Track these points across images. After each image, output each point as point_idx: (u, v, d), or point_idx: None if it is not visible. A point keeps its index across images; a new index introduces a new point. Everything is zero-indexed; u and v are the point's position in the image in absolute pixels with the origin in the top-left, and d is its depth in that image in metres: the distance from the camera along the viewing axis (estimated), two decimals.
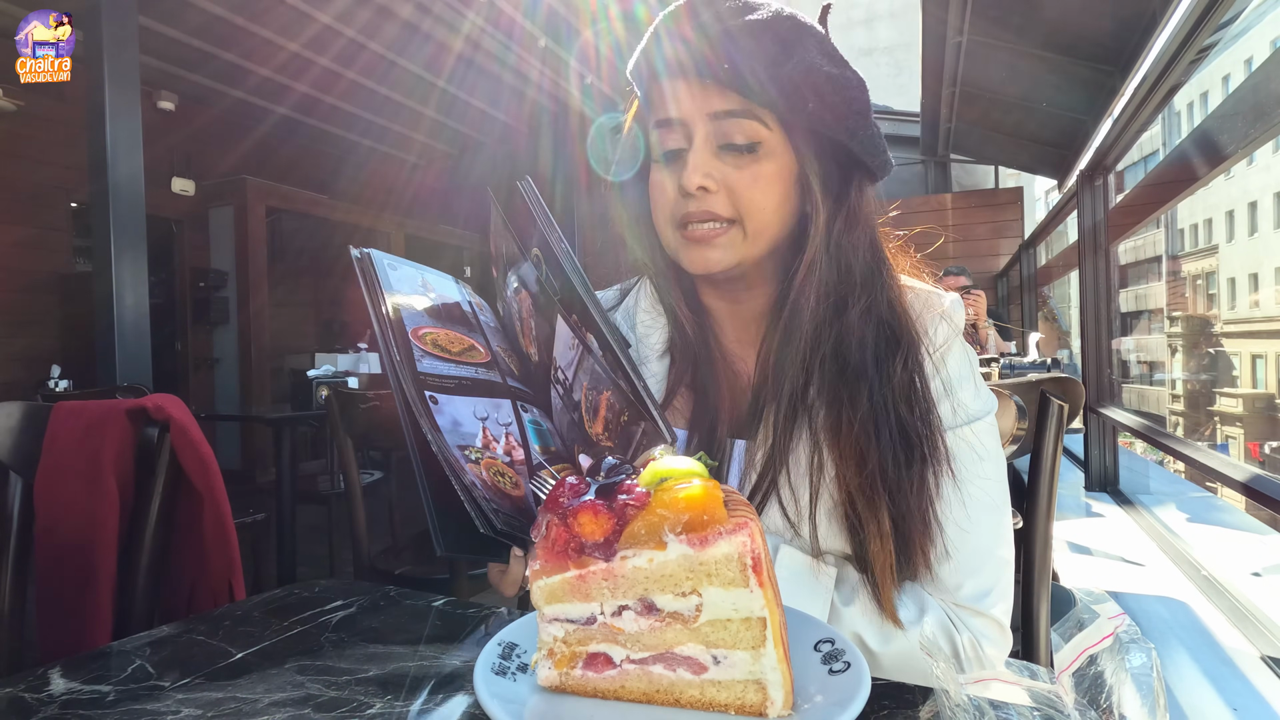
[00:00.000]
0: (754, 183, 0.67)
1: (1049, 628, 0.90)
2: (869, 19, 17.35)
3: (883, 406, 0.66)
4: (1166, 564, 2.60)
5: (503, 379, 0.71)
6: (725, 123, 0.67)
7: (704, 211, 0.68)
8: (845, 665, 0.46)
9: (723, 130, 0.67)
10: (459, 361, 0.68)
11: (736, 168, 0.68)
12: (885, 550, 0.64)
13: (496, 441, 0.66)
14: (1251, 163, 28.83)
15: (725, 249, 0.69)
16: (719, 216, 0.68)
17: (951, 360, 0.71)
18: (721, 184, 0.67)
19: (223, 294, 5.57)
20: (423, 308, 0.71)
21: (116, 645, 0.59)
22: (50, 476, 0.98)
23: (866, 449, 0.65)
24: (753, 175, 0.67)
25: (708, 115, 0.67)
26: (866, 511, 0.64)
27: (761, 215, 0.68)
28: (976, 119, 5.05)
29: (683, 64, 0.68)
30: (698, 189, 0.67)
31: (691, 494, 0.43)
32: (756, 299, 0.76)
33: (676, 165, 0.70)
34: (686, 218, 0.69)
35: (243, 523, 2.21)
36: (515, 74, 4.94)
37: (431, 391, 0.63)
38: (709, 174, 0.67)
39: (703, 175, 0.67)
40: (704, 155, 0.67)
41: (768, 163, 0.68)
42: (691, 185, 0.67)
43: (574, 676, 0.46)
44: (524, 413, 0.70)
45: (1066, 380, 1.00)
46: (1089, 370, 3.85)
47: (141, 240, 2.79)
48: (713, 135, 0.68)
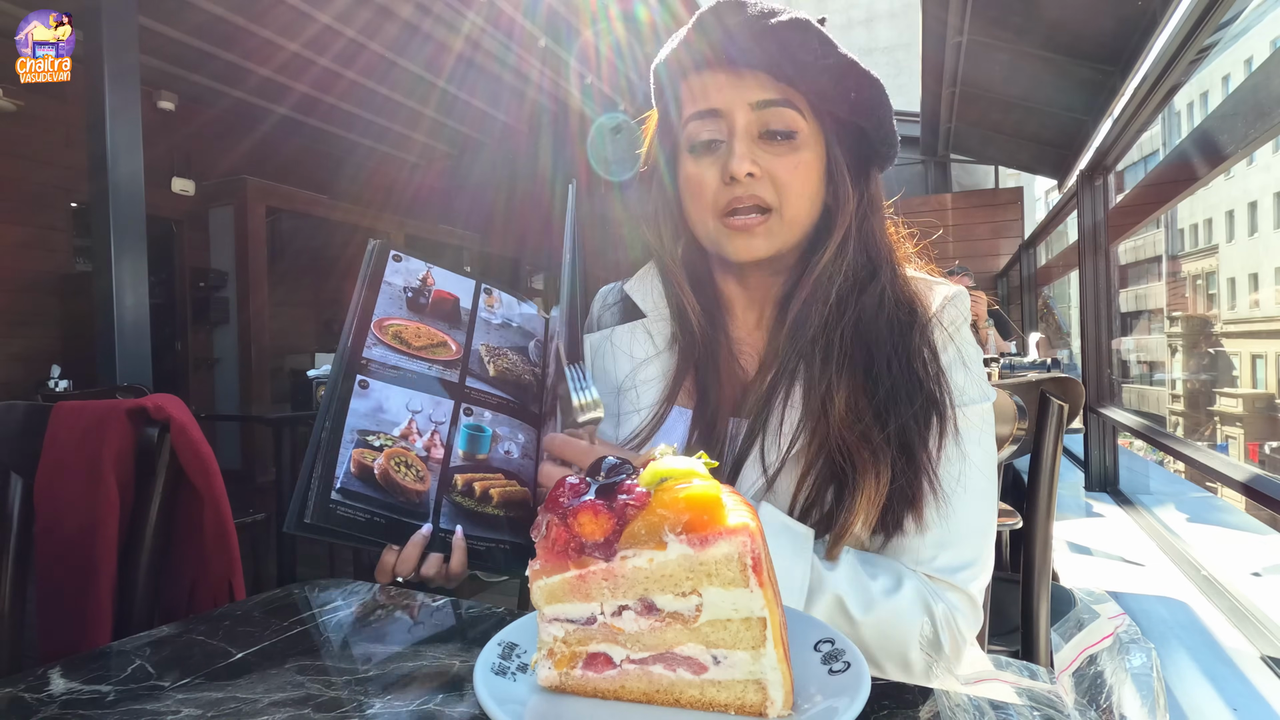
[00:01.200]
0: (794, 170, 0.71)
1: (1049, 628, 0.90)
2: (869, 19, 17.35)
3: (904, 370, 0.69)
4: (1166, 564, 2.60)
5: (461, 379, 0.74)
6: (766, 112, 0.70)
7: (750, 196, 0.71)
8: (845, 665, 0.46)
9: (763, 119, 0.70)
10: (414, 355, 0.72)
11: (777, 155, 0.71)
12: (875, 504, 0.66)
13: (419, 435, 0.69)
14: (1251, 163, 28.84)
15: (766, 237, 0.72)
16: (763, 202, 0.71)
17: (954, 344, 0.74)
18: (765, 171, 0.71)
19: (223, 294, 5.57)
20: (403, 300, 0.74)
21: (116, 645, 0.59)
22: (50, 476, 0.98)
23: (888, 410, 0.68)
24: (793, 163, 0.71)
25: (749, 104, 0.70)
26: (869, 463, 0.66)
27: (800, 202, 0.72)
28: (976, 119, 5.05)
29: (727, 54, 0.70)
30: (745, 175, 0.70)
31: (691, 494, 0.43)
32: (771, 286, 0.79)
33: (716, 155, 0.72)
34: (732, 204, 0.71)
35: (243, 523, 2.21)
36: (515, 74, 4.94)
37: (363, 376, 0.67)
38: (755, 160, 0.70)
39: (750, 162, 0.70)
40: (747, 143, 0.71)
41: (805, 151, 0.72)
42: (740, 171, 0.69)
43: (574, 676, 0.46)
44: (465, 415, 0.72)
45: (1066, 380, 1.00)
46: (1089, 370, 3.85)
47: (141, 240, 2.79)
48: (754, 123, 0.71)
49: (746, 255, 0.73)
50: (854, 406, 0.68)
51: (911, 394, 0.69)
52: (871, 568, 0.67)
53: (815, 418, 0.69)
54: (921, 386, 0.69)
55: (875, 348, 0.70)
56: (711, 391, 0.76)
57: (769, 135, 0.71)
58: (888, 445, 0.67)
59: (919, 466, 0.67)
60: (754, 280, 0.80)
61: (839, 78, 0.70)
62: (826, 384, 0.69)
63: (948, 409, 0.69)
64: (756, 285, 0.80)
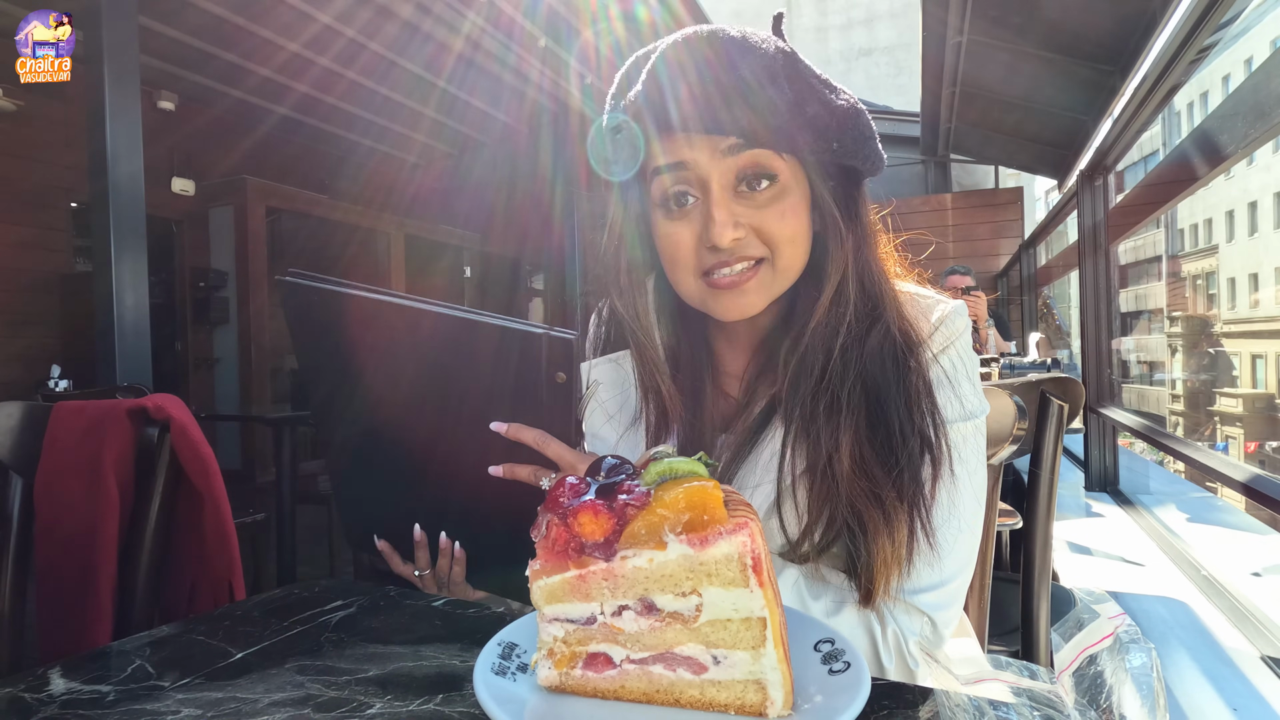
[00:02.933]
0: (781, 218, 0.65)
1: (1049, 628, 0.90)
2: (869, 19, 17.34)
3: (907, 416, 0.65)
4: (1166, 564, 2.60)
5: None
6: (740, 157, 0.64)
7: (738, 258, 0.65)
8: (845, 665, 0.46)
9: (738, 165, 0.64)
10: None
11: (759, 206, 0.65)
12: (898, 556, 0.63)
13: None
14: (1251, 163, 28.83)
15: (757, 291, 0.66)
16: (751, 258, 0.66)
17: (952, 365, 0.70)
18: (750, 227, 0.65)
19: (223, 294, 5.57)
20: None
21: (116, 645, 0.59)
22: (50, 476, 0.98)
23: (894, 461, 0.63)
24: (779, 211, 0.65)
25: (721, 151, 0.63)
26: (880, 523, 0.62)
27: (792, 248, 0.66)
28: (976, 119, 5.05)
29: (693, 119, 0.63)
30: (731, 241, 0.64)
31: (691, 494, 0.43)
32: (762, 315, 0.73)
33: (689, 213, 0.66)
34: (716, 266, 0.65)
35: (243, 523, 2.21)
36: (515, 74, 4.94)
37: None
38: (738, 222, 0.64)
39: (733, 226, 0.64)
40: (725, 203, 0.64)
41: (789, 195, 0.66)
42: (724, 240, 0.63)
43: (574, 676, 0.46)
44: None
45: (1066, 380, 1.00)
46: (1089, 370, 3.85)
47: (141, 240, 2.79)
48: (729, 173, 0.64)
49: (738, 314, 0.67)
50: (860, 462, 0.64)
51: (912, 440, 0.64)
52: (817, 587, 0.65)
53: (818, 476, 0.65)
54: (922, 431, 0.65)
55: (880, 398, 0.65)
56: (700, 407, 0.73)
57: (748, 183, 0.64)
58: (900, 501, 0.63)
59: (918, 511, 0.64)
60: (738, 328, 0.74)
61: (820, 131, 0.64)
62: (831, 440, 0.64)
63: (943, 450, 0.65)
64: (739, 332, 0.75)
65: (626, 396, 0.78)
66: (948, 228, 6.39)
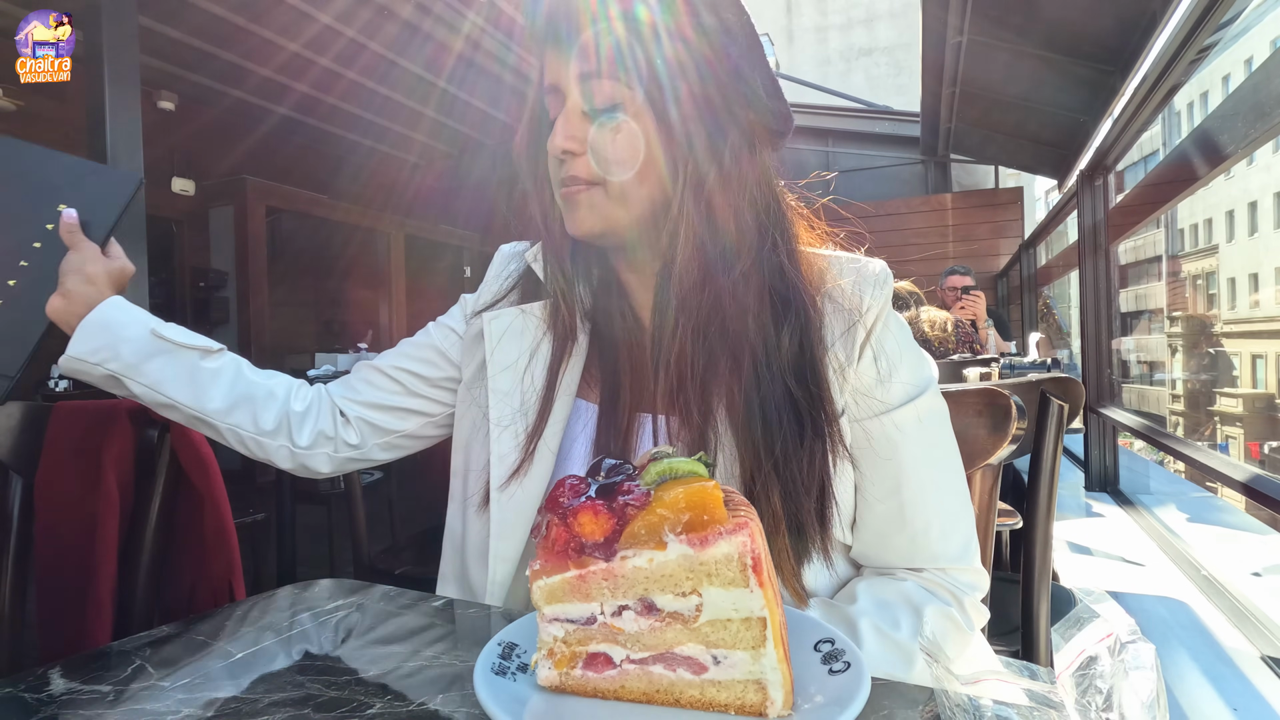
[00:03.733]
0: (612, 144, 0.66)
1: (1049, 628, 0.90)
2: (869, 19, 17.34)
3: (768, 378, 0.65)
4: (1166, 564, 2.60)
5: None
6: (589, 84, 0.66)
7: (569, 176, 0.67)
8: (845, 665, 0.46)
9: (587, 92, 0.66)
10: None
11: (600, 129, 0.66)
12: (779, 530, 0.63)
13: None
14: (1251, 163, 28.84)
15: (590, 209, 0.68)
16: (580, 179, 0.67)
17: (890, 336, 0.70)
18: (586, 146, 0.67)
19: (223, 294, 5.57)
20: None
21: (116, 645, 0.59)
22: (50, 476, 0.98)
23: (752, 422, 0.64)
24: (610, 137, 0.66)
25: (576, 77, 0.66)
26: (760, 490, 0.63)
27: (625, 171, 0.67)
28: (976, 119, 5.05)
29: (552, 32, 0.67)
30: (562, 152, 0.67)
31: (691, 494, 0.43)
32: (652, 263, 0.73)
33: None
34: (561, 181, 0.69)
35: (243, 523, 2.21)
36: (515, 74, 4.94)
37: None
38: (572, 136, 0.67)
39: (565, 138, 0.67)
40: (572, 119, 0.67)
41: (628, 125, 0.66)
42: (555, 149, 0.67)
43: (574, 676, 0.46)
44: None
45: (1066, 380, 1.00)
46: (1089, 370, 3.85)
47: (141, 240, 2.79)
48: (580, 98, 0.67)
49: (574, 228, 0.69)
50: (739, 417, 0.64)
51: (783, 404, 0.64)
52: (889, 613, 0.64)
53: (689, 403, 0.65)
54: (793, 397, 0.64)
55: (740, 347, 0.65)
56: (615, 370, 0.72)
57: (594, 110, 0.66)
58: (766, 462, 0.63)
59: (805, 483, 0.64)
60: (631, 264, 0.74)
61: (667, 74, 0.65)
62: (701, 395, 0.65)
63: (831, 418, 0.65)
64: (636, 269, 0.74)
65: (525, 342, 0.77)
66: (948, 228, 6.39)
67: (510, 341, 0.76)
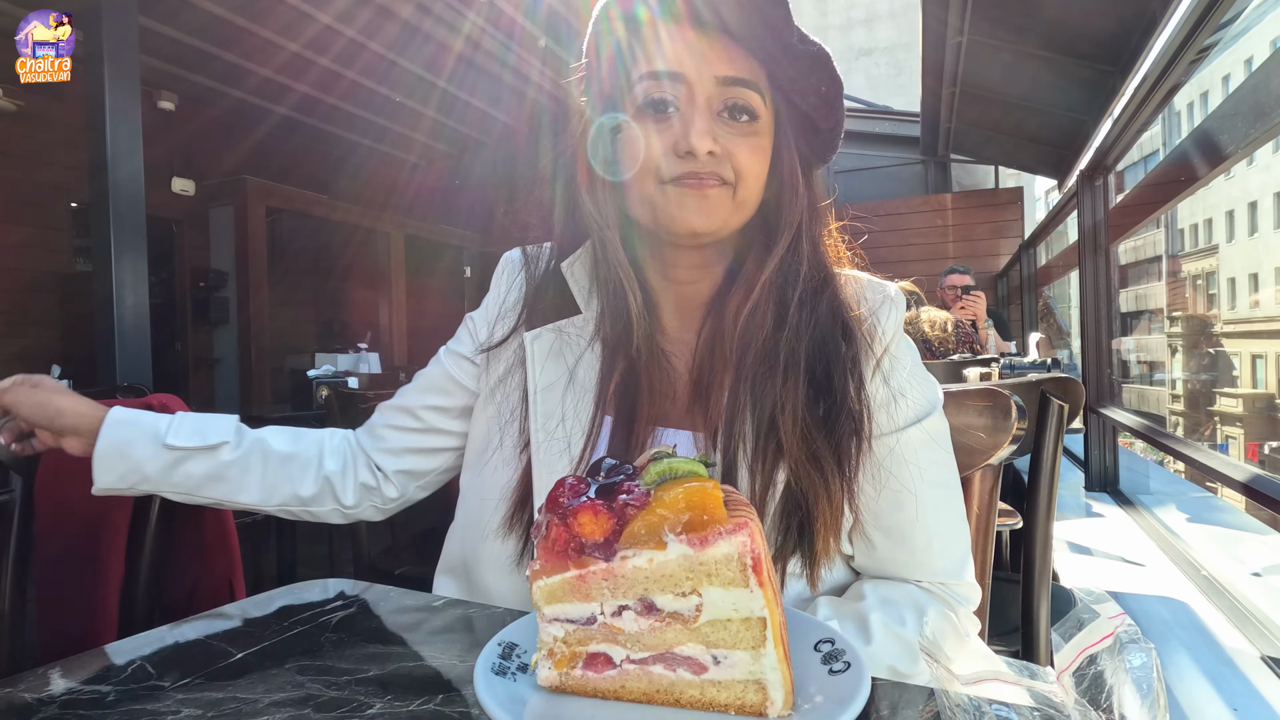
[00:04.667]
0: (752, 153, 0.66)
1: (1049, 628, 0.90)
2: (869, 19, 17.34)
3: (843, 386, 0.67)
4: (1166, 564, 2.60)
5: None
6: (731, 89, 0.65)
7: (711, 174, 0.66)
8: (845, 665, 0.46)
9: (728, 95, 0.65)
10: None
11: (738, 135, 0.66)
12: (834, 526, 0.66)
13: None
14: (1251, 163, 28.83)
15: (719, 203, 0.66)
16: (716, 177, 0.66)
17: (902, 357, 0.72)
18: (725, 150, 0.66)
19: (223, 294, 5.57)
20: None
21: (116, 645, 0.59)
22: (50, 477, 0.98)
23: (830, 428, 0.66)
24: (751, 146, 0.66)
25: (715, 78, 0.65)
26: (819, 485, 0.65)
27: (754, 184, 0.68)
28: (976, 119, 5.05)
29: (699, 12, 0.64)
30: (706, 154, 0.64)
31: (691, 494, 0.43)
32: (703, 282, 0.73)
33: (667, 122, 0.66)
34: (684, 176, 0.66)
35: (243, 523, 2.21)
36: (515, 74, 4.94)
37: None
38: (716, 138, 0.65)
39: (712, 140, 0.65)
40: (709, 118, 0.65)
41: (761, 136, 0.67)
42: (702, 149, 0.64)
43: (574, 676, 0.46)
44: None
45: (1066, 380, 1.00)
46: (1089, 370, 3.85)
47: (141, 240, 2.79)
48: (716, 98, 0.65)
49: (699, 220, 0.66)
50: (804, 424, 0.65)
51: (846, 411, 0.67)
52: (895, 610, 0.66)
53: (768, 436, 0.65)
54: (853, 406, 0.67)
55: (827, 365, 0.67)
56: (638, 398, 0.70)
57: (730, 112, 0.66)
58: (837, 467, 0.65)
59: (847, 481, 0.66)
60: (683, 274, 0.73)
61: (814, 67, 0.66)
62: (780, 398, 0.65)
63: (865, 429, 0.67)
64: (686, 279, 0.73)
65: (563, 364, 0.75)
66: (948, 228, 6.39)
67: (552, 362, 0.73)
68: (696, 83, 0.65)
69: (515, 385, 0.75)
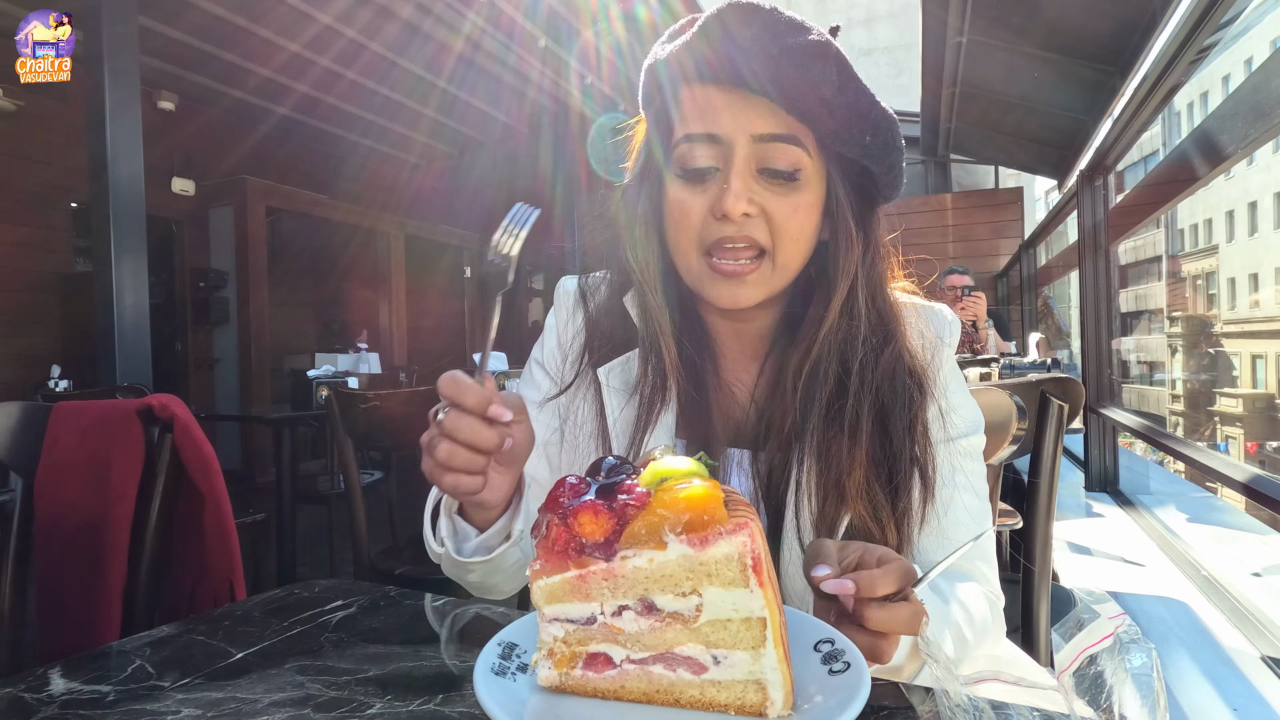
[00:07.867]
0: (794, 212, 0.65)
1: (1049, 628, 0.90)
2: (869, 19, 17.34)
3: (907, 441, 0.68)
4: (1166, 564, 2.60)
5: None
6: (769, 147, 0.64)
7: (743, 237, 0.65)
8: (845, 665, 0.46)
9: (765, 154, 0.64)
10: None
11: (776, 194, 0.65)
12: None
13: None
14: (1251, 163, 28.84)
15: (756, 285, 0.66)
16: (755, 243, 0.65)
17: (954, 375, 0.74)
18: (761, 210, 0.65)
19: (223, 294, 5.57)
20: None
21: (116, 645, 0.59)
22: (50, 476, 0.98)
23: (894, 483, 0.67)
24: (794, 205, 0.65)
25: (752, 136, 0.63)
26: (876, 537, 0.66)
27: (795, 246, 0.67)
28: (976, 119, 5.05)
29: (735, 73, 0.63)
30: (741, 215, 0.63)
31: (691, 494, 0.43)
32: (761, 319, 0.74)
33: (707, 184, 0.66)
34: (721, 242, 0.65)
35: (243, 523, 2.21)
36: (515, 74, 4.94)
37: None
38: (752, 199, 0.64)
39: (747, 201, 0.64)
40: (745, 178, 0.64)
41: (806, 191, 0.66)
42: (736, 211, 0.63)
43: (574, 676, 0.46)
44: None
45: (1066, 380, 1.00)
46: (1089, 370, 3.85)
47: (141, 240, 2.79)
48: (754, 157, 0.64)
49: (731, 303, 0.67)
50: (866, 484, 0.66)
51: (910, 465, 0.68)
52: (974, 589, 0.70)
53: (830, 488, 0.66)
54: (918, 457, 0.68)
55: (889, 421, 0.67)
56: (706, 415, 0.72)
57: (771, 173, 0.64)
58: (893, 523, 0.67)
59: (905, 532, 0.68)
60: (737, 316, 0.73)
61: (857, 118, 0.63)
62: (845, 465, 0.65)
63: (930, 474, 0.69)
64: (745, 318, 0.73)
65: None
66: (948, 228, 6.39)
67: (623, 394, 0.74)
68: (734, 142, 0.64)
69: (587, 416, 0.74)
